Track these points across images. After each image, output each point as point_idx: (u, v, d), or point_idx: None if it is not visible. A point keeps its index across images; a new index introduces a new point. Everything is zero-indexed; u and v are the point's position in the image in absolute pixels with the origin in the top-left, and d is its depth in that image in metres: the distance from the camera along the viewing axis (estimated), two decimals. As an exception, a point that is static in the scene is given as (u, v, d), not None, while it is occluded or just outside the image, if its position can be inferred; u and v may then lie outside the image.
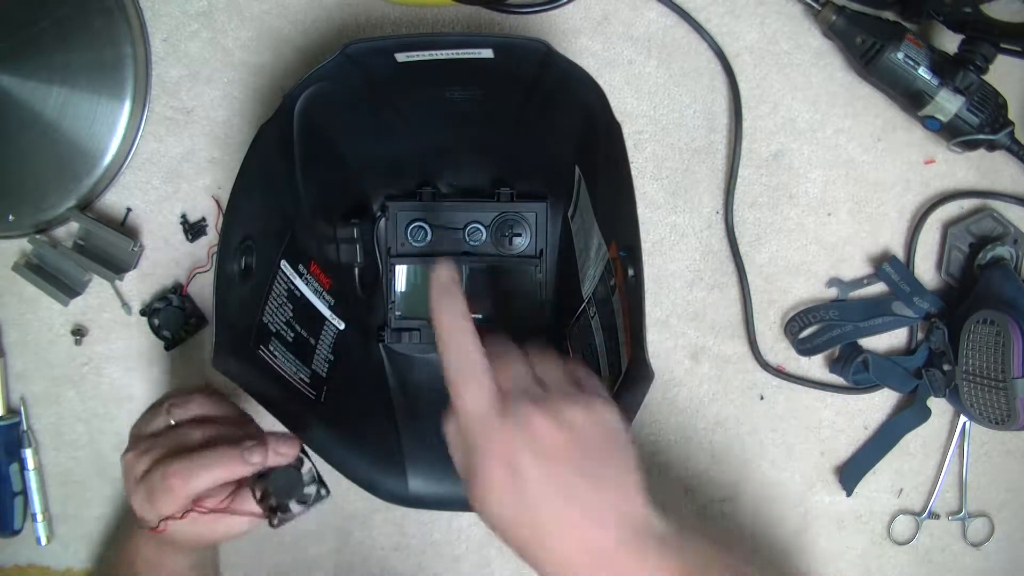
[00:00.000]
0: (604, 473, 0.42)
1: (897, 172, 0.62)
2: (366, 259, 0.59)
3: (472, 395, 0.42)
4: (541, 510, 0.41)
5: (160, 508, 0.46)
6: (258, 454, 0.47)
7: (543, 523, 0.42)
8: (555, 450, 0.41)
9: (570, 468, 0.42)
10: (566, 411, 0.42)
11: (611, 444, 0.43)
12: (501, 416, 0.42)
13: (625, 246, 0.46)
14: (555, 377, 0.45)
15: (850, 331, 0.61)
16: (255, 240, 0.47)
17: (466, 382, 0.42)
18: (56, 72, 0.59)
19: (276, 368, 0.50)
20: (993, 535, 0.65)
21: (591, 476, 0.42)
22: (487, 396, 0.42)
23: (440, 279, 0.44)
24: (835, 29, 0.57)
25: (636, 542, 0.42)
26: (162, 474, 0.46)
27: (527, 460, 0.41)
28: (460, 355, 0.43)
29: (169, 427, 0.50)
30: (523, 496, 0.41)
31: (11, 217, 0.61)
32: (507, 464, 0.41)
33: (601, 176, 0.51)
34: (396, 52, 0.46)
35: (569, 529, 0.42)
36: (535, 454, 0.41)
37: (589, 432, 0.42)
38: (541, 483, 0.41)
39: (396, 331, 0.60)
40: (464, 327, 0.43)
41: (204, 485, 0.46)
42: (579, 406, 0.43)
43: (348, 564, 0.67)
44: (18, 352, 0.65)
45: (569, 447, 0.42)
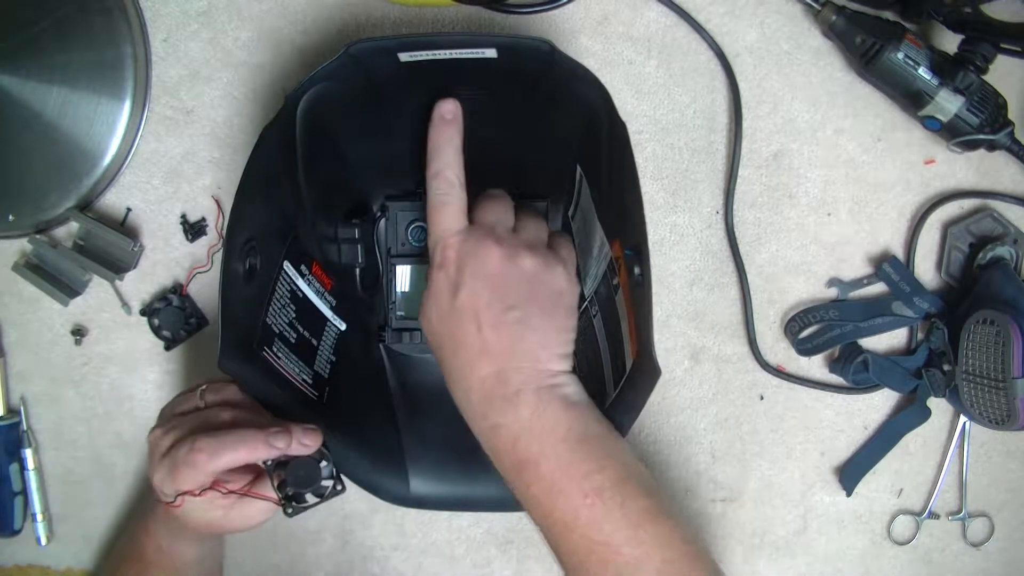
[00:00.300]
0: (535, 323, 0.46)
1: (897, 172, 0.62)
2: (367, 259, 0.59)
3: (444, 219, 0.47)
4: (464, 327, 0.45)
5: (181, 482, 0.47)
6: (283, 440, 0.47)
7: (462, 339, 0.46)
8: (497, 282, 0.45)
9: (503, 303, 0.45)
10: (523, 255, 0.46)
11: (553, 302, 0.47)
12: (465, 240, 0.46)
13: (631, 245, 0.46)
14: (532, 231, 0.49)
15: (850, 331, 0.61)
16: (259, 241, 0.47)
17: (443, 206, 0.47)
18: (56, 72, 0.59)
19: (279, 369, 0.50)
20: (993, 535, 0.66)
21: (522, 320, 0.45)
22: (454, 223, 0.47)
23: (444, 112, 0.48)
24: (835, 29, 0.57)
25: (538, 393, 0.45)
26: (188, 448, 0.46)
27: (468, 280, 0.45)
28: (443, 183, 0.47)
29: (198, 409, 0.51)
30: (453, 308, 0.45)
31: (11, 217, 0.61)
32: (451, 278, 0.46)
33: (604, 175, 0.51)
34: (399, 52, 0.46)
35: (481, 354, 0.45)
36: (478, 277, 0.45)
37: (536, 282, 0.46)
38: (472, 303, 0.45)
39: (397, 331, 0.60)
40: (453, 157, 0.47)
41: (228, 463, 0.47)
42: (538, 258, 0.47)
43: (348, 564, 0.67)
44: (18, 352, 0.65)
45: (511, 285, 0.45)
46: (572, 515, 0.43)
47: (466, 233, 0.47)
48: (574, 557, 0.44)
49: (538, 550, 0.66)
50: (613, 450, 0.45)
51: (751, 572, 0.66)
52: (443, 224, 0.47)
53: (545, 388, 0.45)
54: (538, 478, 0.44)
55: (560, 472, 0.44)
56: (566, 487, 0.43)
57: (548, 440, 0.44)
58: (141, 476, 0.66)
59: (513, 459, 0.45)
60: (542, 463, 0.44)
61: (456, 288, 0.45)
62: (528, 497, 0.45)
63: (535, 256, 0.46)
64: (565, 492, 0.43)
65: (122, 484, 0.66)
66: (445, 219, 0.47)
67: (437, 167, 0.47)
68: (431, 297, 0.47)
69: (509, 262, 0.45)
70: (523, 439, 0.44)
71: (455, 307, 0.45)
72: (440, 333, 0.47)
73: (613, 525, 0.43)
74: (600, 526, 0.43)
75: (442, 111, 0.48)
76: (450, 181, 0.47)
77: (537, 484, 0.44)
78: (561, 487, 0.43)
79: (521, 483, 0.45)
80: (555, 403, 0.45)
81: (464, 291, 0.45)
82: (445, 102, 0.48)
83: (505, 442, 0.45)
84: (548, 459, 0.44)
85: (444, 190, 0.47)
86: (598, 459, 0.44)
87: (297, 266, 0.53)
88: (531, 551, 0.67)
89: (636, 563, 0.43)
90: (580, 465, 0.44)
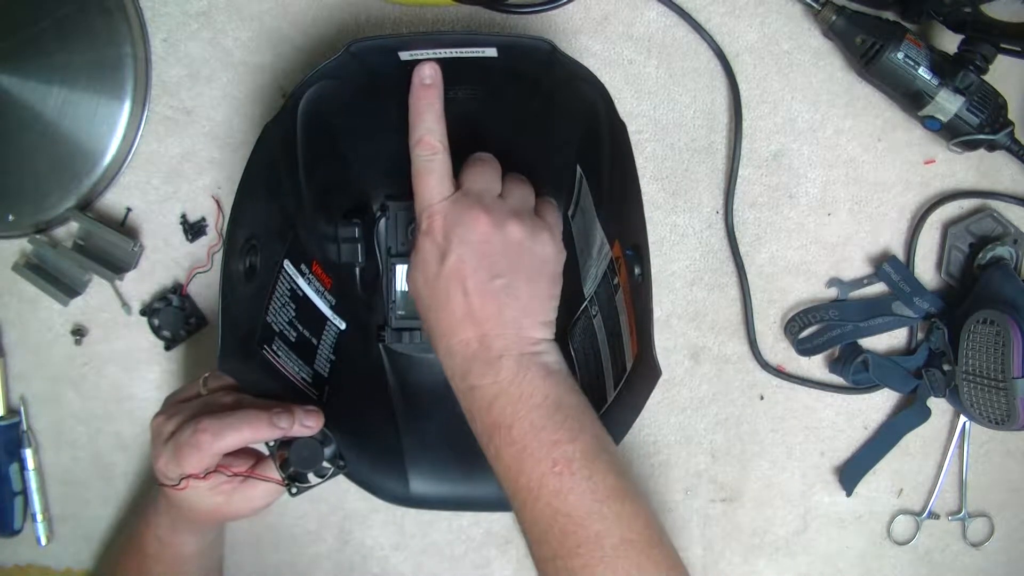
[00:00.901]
0: (520, 291, 0.46)
1: (897, 172, 0.62)
2: (367, 259, 0.59)
3: (430, 184, 0.47)
4: (450, 292, 0.46)
5: (185, 465, 0.47)
6: (285, 419, 0.48)
7: (446, 303, 0.46)
8: (484, 248, 0.46)
9: (490, 271, 0.46)
10: (510, 223, 0.46)
11: (538, 270, 0.47)
12: (452, 207, 0.46)
13: (631, 244, 0.46)
14: (518, 198, 0.49)
15: (850, 331, 0.61)
16: (259, 240, 0.47)
17: (428, 173, 0.47)
18: (56, 72, 0.59)
19: (279, 368, 0.50)
20: (993, 535, 0.66)
21: (507, 287, 0.46)
22: (441, 188, 0.47)
23: (423, 76, 0.47)
24: (835, 29, 0.57)
25: (519, 360, 0.45)
26: (192, 430, 0.47)
27: (455, 246, 0.45)
28: (426, 148, 0.47)
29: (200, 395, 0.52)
30: (439, 274, 0.46)
31: (11, 217, 0.61)
32: (437, 244, 0.46)
33: (604, 175, 0.51)
34: (400, 51, 0.46)
35: (465, 318, 0.46)
36: (465, 244, 0.45)
37: (522, 249, 0.47)
38: (459, 270, 0.45)
39: (396, 331, 0.60)
40: (434, 122, 0.47)
41: (232, 443, 0.47)
42: (525, 225, 0.47)
43: (348, 564, 0.67)
44: (18, 352, 0.65)
45: (497, 252, 0.46)
46: (538, 481, 0.43)
47: (453, 200, 0.47)
48: (537, 526, 0.44)
49: (538, 550, 0.66)
50: (587, 423, 0.45)
51: (751, 572, 0.66)
52: (429, 191, 0.47)
53: (526, 355, 0.45)
54: (510, 441, 0.44)
55: (531, 436, 0.44)
56: (535, 452, 0.43)
57: (523, 405, 0.44)
58: (141, 476, 0.66)
59: (487, 421, 0.45)
60: (515, 426, 0.44)
61: (443, 255, 0.46)
62: (498, 462, 0.45)
63: (522, 224, 0.47)
64: (534, 457, 0.43)
65: (122, 484, 0.66)
66: (431, 185, 0.47)
67: (419, 133, 0.47)
68: (418, 262, 0.47)
69: (496, 230, 0.46)
70: (499, 401, 0.45)
71: (442, 273, 0.46)
72: (426, 296, 0.47)
73: (578, 497, 0.43)
74: (565, 496, 0.43)
75: (421, 75, 0.47)
76: (432, 146, 0.47)
77: (508, 448, 0.44)
78: (531, 452, 0.44)
79: (492, 446, 0.45)
80: (534, 369, 0.45)
81: (451, 257, 0.45)
82: (423, 66, 0.47)
83: (481, 404, 0.45)
84: (521, 423, 0.44)
85: (427, 156, 0.47)
86: (571, 429, 0.44)
87: (297, 265, 0.53)
88: (531, 551, 0.67)
89: (596, 538, 0.43)
90: (552, 432, 0.44)
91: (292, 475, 0.50)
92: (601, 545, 0.43)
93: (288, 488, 0.50)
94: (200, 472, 0.48)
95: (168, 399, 0.53)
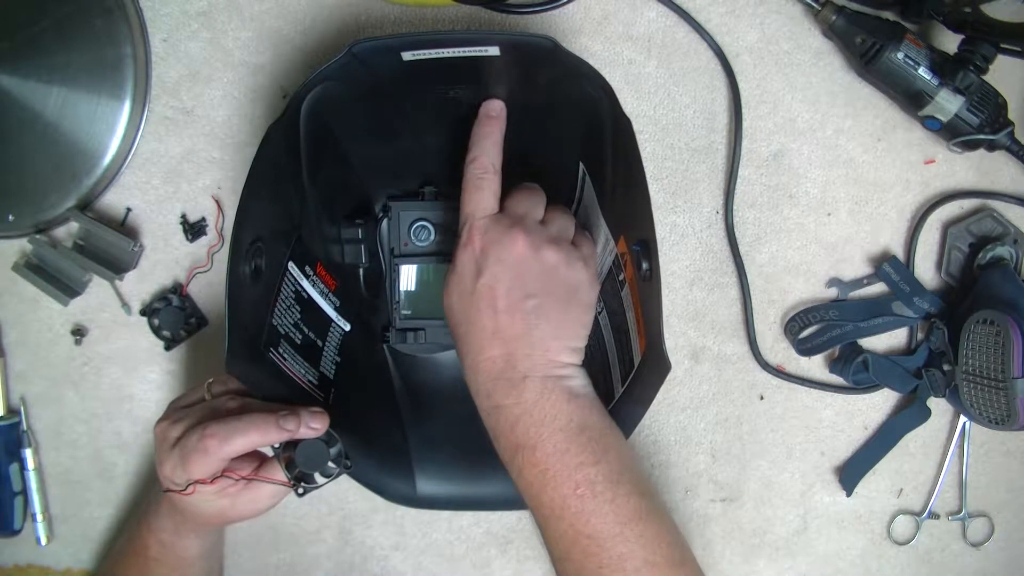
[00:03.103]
0: (550, 314, 0.47)
1: (897, 172, 0.62)
2: (370, 260, 0.59)
3: (476, 201, 0.48)
4: (481, 308, 0.47)
5: (192, 470, 0.47)
6: (292, 422, 0.48)
7: (477, 319, 0.47)
8: (519, 270, 0.46)
9: (522, 291, 0.46)
10: (547, 248, 0.47)
11: (569, 296, 0.48)
12: (493, 224, 0.48)
13: (639, 240, 0.46)
14: (559, 227, 0.50)
15: (850, 331, 0.61)
16: (265, 242, 0.47)
17: (477, 190, 0.48)
18: (56, 72, 0.59)
19: (286, 370, 0.50)
20: (993, 535, 0.66)
21: (538, 309, 0.46)
22: (486, 205, 0.48)
23: (489, 110, 0.51)
24: (835, 29, 0.57)
25: (544, 382, 0.46)
26: (199, 435, 0.47)
27: (492, 265, 0.46)
28: (479, 167, 0.49)
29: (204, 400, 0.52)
30: (474, 290, 0.47)
31: (11, 217, 0.61)
32: (475, 261, 0.47)
33: (608, 171, 0.51)
34: (402, 51, 0.46)
35: (494, 336, 0.46)
36: (501, 264, 0.46)
37: (556, 275, 0.47)
38: (492, 287, 0.46)
39: (401, 331, 0.60)
40: (492, 149, 0.49)
41: (240, 447, 0.47)
42: (561, 252, 0.48)
43: (348, 564, 0.67)
44: (18, 352, 0.65)
45: (532, 274, 0.47)
46: (561, 503, 0.44)
47: (495, 218, 0.48)
48: (559, 545, 0.45)
49: (538, 551, 0.66)
50: (611, 446, 0.46)
51: (751, 572, 0.66)
52: (475, 204, 0.48)
53: (552, 377, 0.46)
54: (532, 463, 0.45)
55: (555, 459, 0.44)
56: (558, 475, 0.44)
57: (547, 427, 0.45)
58: (141, 476, 0.66)
59: (511, 440, 0.46)
60: (538, 448, 0.44)
61: (479, 270, 0.47)
62: (521, 481, 0.46)
63: (559, 250, 0.47)
64: (556, 479, 0.44)
65: (122, 484, 0.66)
66: (477, 200, 0.48)
67: (476, 153, 0.49)
68: (454, 276, 0.48)
69: (533, 252, 0.47)
70: (522, 422, 0.45)
71: (476, 288, 0.47)
72: (459, 311, 0.48)
73: (601, 519, 0.43)
74: (588, 519, 0.44)
75: (487, 109, 0.51)
76: (486, 167, 0.49)
77: (531, 469, 0.45)
78: (554, 474, 0.44)
79: (515, 466, 0.46)
80: (559, 392, 0.45)
81: (486, 274, 0.46)
82: (492, 101, 0.51)
83: (505, 424, 0.46)
84: (544, 445, 0.44)
85: (479, 174, 0.49)
86: (594, 452, 0.44)
87: (301, 267, 0.53)
88: (531, 551, 0.67)
89: (619, 560, 0.43)
90: (575, 456, 0.44)
91: (298, 476, 0.50)
92: (623, 568, 0.43)
93: (295, 489, 0.50)
94: (207, 477, 0.47)
95: (172, 404, 0.53)
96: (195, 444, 0.47)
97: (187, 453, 0.47)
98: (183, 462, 0.47)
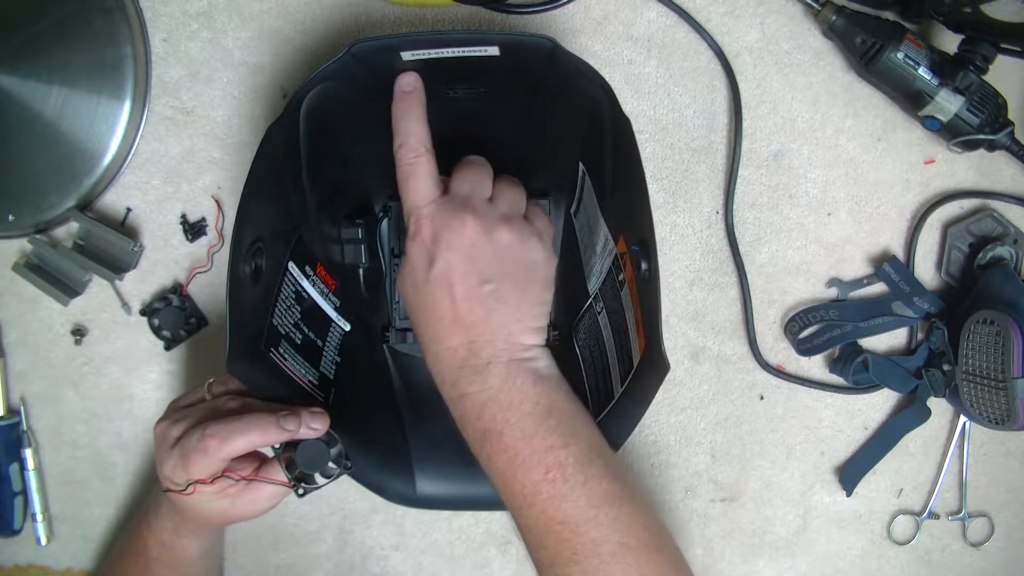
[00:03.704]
0: (508, 296, 0.45)
1: (897, 172, 0.62)
2: (370, 260, 0.59)
3: (414, 189, 0.46)
4: (437, 298, 0.45)
5: (193, 471, 0.47)
6: (292, 422, 0.48)
7: (434, 308, 0.45)
8: (472, 254, 0.45)
9: (478, 276, 0.45)
10: (499, 228, 0.46)
11: (527, 276, 0.46)
12: (439, 210, 0.46)
13: (638, 240, 0.46)
14: (508, 202, 0.48)
15: (850, 331, 0.61)
16: (265, 242, 0.47)
17: (412, 177, 0.46)
18: (56, 72, 0.59)
19: (286, 370, 0.50)
20: (993, 535, 0.66)
21: (496, 293, 0.45)
22: (426, 192, 0.46)
23: (403, 85, 0.47)
24: (835, 29, 0.57)
25: (508, 366, 0.45)
26: (200, 436, 0.47)
27: (443, 251, 0.45)
28: (408, 152, 0.46)
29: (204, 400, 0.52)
30: (428, 279, 0.45)
31: (11, 217, 0.61)
32: (426, 251, 0.45)
33: (608, 171, 0.51)
34: (402, 51, 0.46)
35: (453, 324, 0.45)
36: (453, 250, 0.45)
37: (511, 255, 0.46)
38: (446, 275, 0.45)
39: (401, 331, 0.60)
40: (416, 126, 0.47)
41: (240, 447, 0.47)
42: (514, 231, 0.46)
43: (348, 564, 0.67)
44: (18, 352, 0.65)
45: (486, 258, 0.45)
46: (532, 489, 0.43)
47: (440, 203, 0.46)
48: (532, 533, 0.44)
49: (538, 550, 0.66)
50: (580, 428, 0.45)
51: (751, 572, 0.66)
52: (414, 193, 0.46)
53: (516, 361, 0.45)
54: (501, 449, 0.44)
55: (523, 443, 0.43)
56: (528, 459, 0.43)
57: (513, 412, 0.44)
58: (141, 476, 0.66)
59: (478, 428, 0.45)
60: (505, 433, 0.43)
61: (431, 260, 0.45)
62: (491, 468, 0.45)
63: (511, 229, 0.46)
64: (526, 464, 0.43)
65: (122, 484, 0.66)
66: (416, 189, 0.46)
67: (401, 138, 0.47)
68: (407, 268, 0.47)
69: (484, 235, 0.45)
70: (489, 409, 0.44)
71: (430, 278, 0.45)
72: (415, 303, 0.47)
73: (572, 504, 0.42)
74: (559, 504, 0.42)
75: (401, 84, 0.47)
76: (415, 148, 0.46)
77: (500, 455, 0.44)
78: (523, 459, 0.43)
79: (484, 453, 0.45)
80: (524, 376, 0.44)
81: (439, 263, 0.45)
82: (404, 75, 0.47)
83: (471, 411, 0.45)
84: (512, 430, 0.43)
85: (409, 160, 0.46)
86: (563, 435, 0.43)
87: (302, 267, 0.53)
88: (531, 551, 0.67)
89: (593, 544, 0.42)
90: (544, 439, 0.43)
91: (298, 476, 0.50)
92: (598, 552, 0.42)
93: (295, 489, 0.50)
94: (208, 477, 0.47)
95: (172, 404, 0.53)
96: (195, 444, 0.47)
97: (187, 453, 0.47)
98: (183, 462, 0.47)
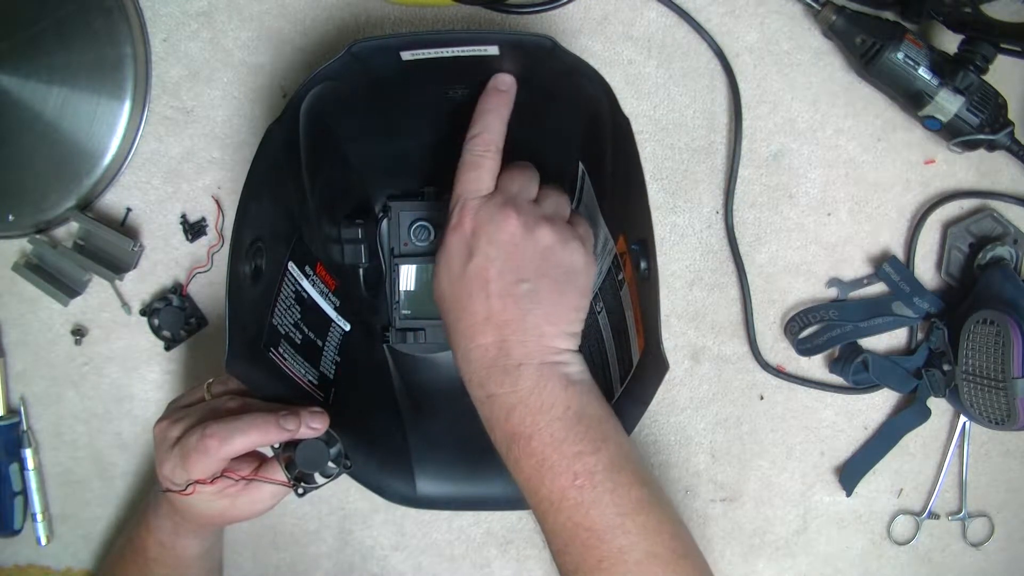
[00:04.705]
0: (544, 298, 0.45)
1: (897, 172, 0.62)
2: (370, 260, 0.59)
3: (469, 179, 0.46)
4: (472, 293, 0.44)
5: (192, 471, 0.47)
6: (292, 422, 0.48)
7: (468, 304, 0.45)
8: (512, 251, 0.44)
9: (516, 274, 0.44)
10: (542, 228, 0.45)
11: (566, 279, 0.46)
12: (485, 204, 0.45)
13: (638, 239, 0.46)
14: (552, 205, 0.48)
15: (850, 331, 0.61)
16: (265, 242, 0.47)
17: (474, 168, 0.46)
18: (56, 72, 0.59)
19: (286, 370, 0.50)
20: (993, 535, 0.66)
21: (532, 293, 0.44)
22: (481, 185, 0.46)
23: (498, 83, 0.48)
24: (835, 29, 0.57)
25: (540, 369, 0.44)
26: (200, 435, 0.47)
27: (483, 245, 0.44)
28: (480, 144, 0.46)
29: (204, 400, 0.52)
30: (464, 273, 0.45)
31: (11, 217, 0.61)
32: (466, 243, 0.45)
33: (607, 170, 0.51)
34: (402, 51, 0.46)
35: (486, 322, 0.44)
36: (493, 245, 0.44)
37: (551, 256, 0.45)
38: (483, 270, 0.44)
39: (401, 331, 0.60)
40: (496, 125, 0.47)
41: (240, 447, 0.47)
42: (556, 232, 0.45)
43: (348, 564, 0.67)
44: (18, 352, 0.65)
45: (525, 256, 0.44)
46: (559, 495, 0.43)
47: (487, 198, 0.46)
48: (558, 538, 0.44)
49: (538, 550, 0.66)
50: (610, 434, 0.44)
51: (751, 572, 0.66)
52: (469, 183, 0.46)
53: (547, 364, 0.44)
54: (529, 452, 0.43)
55: (552, 448, 0.43)
56: (556, 465, 0.43)
57: (543, 416, 0.43)
58: (141, 476, 0.66)
59: (506, 430, 0.44)
60: (534, 437, 0.43)
61: (470, 253, 0.45)
62: (518, 471, 0.44)
63: (553, 230, 0.45)
64: (555, 470, 0.43)
65: (122, 484, 0.66)
66: (472, 179, 0.46)
67: (478, 129, 0.46)
68: (443, 259, 0.46)
69: (526, 233, 0.44)
70: (518, 411, 0.43)
71: (466, 272, 0.44)
72: (449, 296, 0.46)
73: (600, 511, 0.42)
74: (587, 510, 0.42)
75: (497, 82, 0.47)
76: (488, 143, 0.46)
77: (528, 459, 0.43)
78: (552, 464, 0.43)
79: (511, 457, 0.44)
80: (555, 380, 0.44)
81: (477, 256, 0.44)
82: (502, 75, 0.47)
83: (500, 413, 0.44)
84: (541, 434, 0.43)
85: (479, 152, 0.46)
86: (593, 441, 0.43)
87: (302, 267, 0.53)
88: (531, 551, 0.67)
89: (619, 552, 0.42)
90: (573, 445, 0.43)
91: (298, 476, 0.50)
92: (624, 560, 0.42)
93: (294, 489, 0.50)
94: (207, 477, 0.47)
95: (171, 404, 0.53)
96: (195, 444, 0.46)
97: (187, 453, 0.47)
98: (183, 462, 0.47)
